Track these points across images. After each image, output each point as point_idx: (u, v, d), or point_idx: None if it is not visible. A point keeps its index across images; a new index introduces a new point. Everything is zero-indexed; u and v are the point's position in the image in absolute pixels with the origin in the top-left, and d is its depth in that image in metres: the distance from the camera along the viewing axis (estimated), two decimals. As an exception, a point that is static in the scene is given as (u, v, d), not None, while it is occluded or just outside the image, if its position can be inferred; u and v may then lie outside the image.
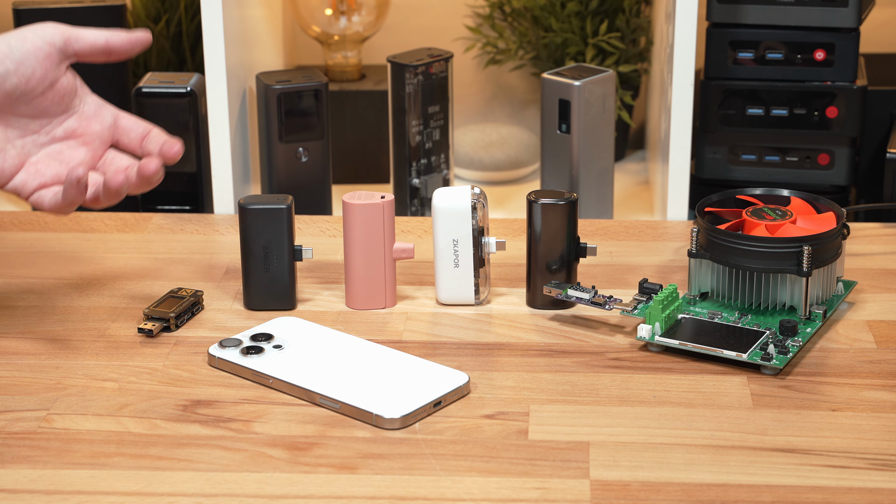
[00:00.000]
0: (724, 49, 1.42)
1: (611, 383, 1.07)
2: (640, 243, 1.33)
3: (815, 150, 1.43)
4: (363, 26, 1.58)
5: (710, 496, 0.93)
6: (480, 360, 1.11)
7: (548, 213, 1.17)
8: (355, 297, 1.20)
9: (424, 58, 1.43)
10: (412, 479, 0.95)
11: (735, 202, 1.22)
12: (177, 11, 1.59)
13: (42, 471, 0.96)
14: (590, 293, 1.15)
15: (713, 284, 1.17)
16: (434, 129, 1.45)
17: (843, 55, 1.40)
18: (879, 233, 1.34)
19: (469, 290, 1.19)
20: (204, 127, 1.40)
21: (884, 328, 1.15)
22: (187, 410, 1.03)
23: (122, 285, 1.24)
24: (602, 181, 1.43)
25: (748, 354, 1.08)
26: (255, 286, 1.19)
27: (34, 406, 1.04)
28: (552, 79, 1.40)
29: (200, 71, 1.56)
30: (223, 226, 1.38)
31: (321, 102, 1.41)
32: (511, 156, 1.59)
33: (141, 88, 1.39)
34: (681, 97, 1.36)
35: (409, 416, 1.01)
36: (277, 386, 1.06)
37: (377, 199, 1.18)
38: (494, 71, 1.70)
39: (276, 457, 0.97)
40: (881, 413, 1.02)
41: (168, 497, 0.93)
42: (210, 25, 1.37)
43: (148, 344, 1.14)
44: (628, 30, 1.59)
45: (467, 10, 1.68)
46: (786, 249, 1.13)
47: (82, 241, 1.34)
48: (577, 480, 0.94)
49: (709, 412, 1.03)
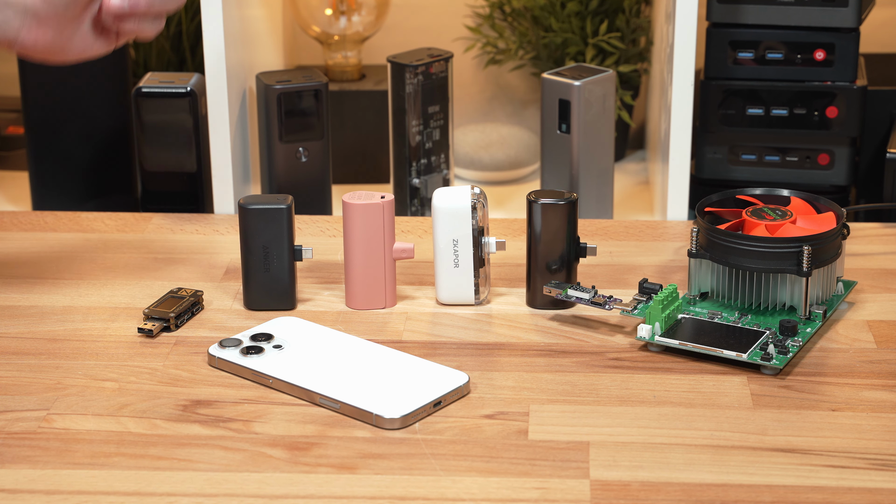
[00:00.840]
0: (724, 49, 1.42)
1: (611, 383, 1.07)
2: (640, 243, 1.33)
3: (815, 150, 1.43)
4: (363, 26, 1.58)
5: (710, 496, 0.93)
6: (480, 360, 1.11)
7: (548, 213, 1.17)
8: (355, 297, 1.20)
9: (424, 58, 1.43)
10: (412, 479, 0.95)
11: (735, 202, 1.22)
12: (177, 11, 1.59)
13: (42, 471, 0.96)
14: (590, 293, 1.15)
15: (713, 284, 1.17)
16: (434, 129, 1.45)
17: (843, 55, 1.40)
18: (879, 233, 1.34)
19: (469, 290, 1.19)
20: (204, 127, 1.40)
21: (884, 328, 1.15)
22: (187, 410, 1.03)
23: (122, 285, 1.24)
24: (602, 181, 1.43)
25: (748, 354, 1.08)
26: (255, 286, 1.19)
27: (34, 406, 1.04)
28: (552, 79, 1.40)
29: (200, 71, 1.56)
30: (223, 226, 1.38)
31: (321, 102, 1.41)
32: (511, 156, 1.59)
33: (141, 88, 1.39)
34: (681, 97, 1.36)
35: (409, 416, 1.01)
36: (277, 386, 1.06)
37: (377, 199, 1.18)
38: (494, 71, 1.70)
39: (276, 457, 0.97)
40: (881, 413, 1.02)
41: (168, 497, 0.93)
42: (210, 25, 1.37)
43: (148, 344, 1.14)
44: (628, 30, 1.59)
45: (467, 10, 1.68)
46: (786, 249, 1.13)
47: (82, 241, 1.34)
48: (577, 480, 0.94)
49: (709, 412, 1.03)
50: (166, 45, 1.59)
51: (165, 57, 1.60)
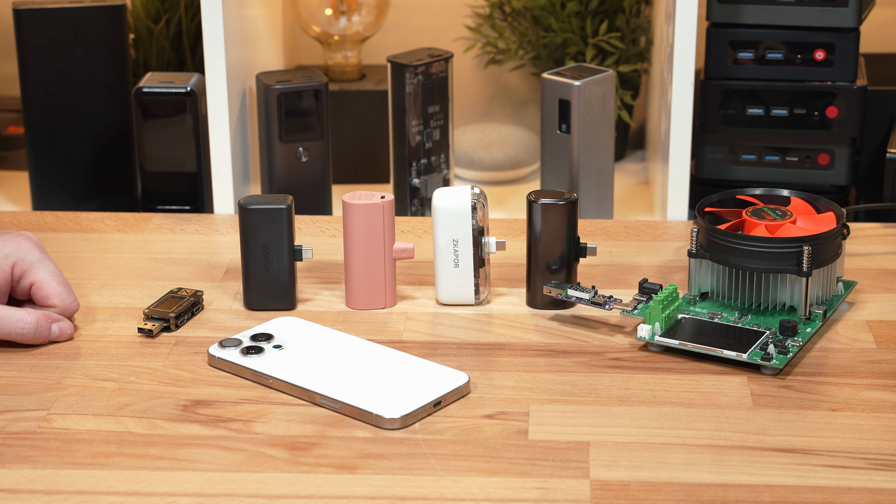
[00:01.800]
0: (724, 49, 1.42)
1: (611, 383, 1.07)
2: (640, 243, 1.33)
3: (815, 150, 1.43)
4: (363, 26, 1.58)
5: (710, 496, 0.93)
6: (480, 360, 1.11)
7: (548, 213, 1.17)
8: (355, 297, 1.20)
9: (424, 58, 1.43)
10: (412, 479, 0.95)
11: (735, 202, 1.22)
12: (177, 11, 1.59)
13: (42, 471, 0.96)
14: (590, 293, 1.15)
15: (713, 284, 1.17)
16: (434, 129, 1.45)
17: (843, 55, 1.40)
18: (879, 233, 1.34)
19: (469, 290, 1.19)
20: (204, 127, 1.40)
21: (884, 328, 1.15)
22: (187, 410, 1.03)
23: (122, 285, 1.24)
24: (602, 181, 1.43)
25: (748, 354, 1.08)
26: (255, 286, 1.19)
27: (34, 406, 1.04)
28: (552, 79, 1.40)
29: (200, 71, 1.56)
30: (223, 226, 1.38)
31: (321, 102, 1.41)
32: (511, 156, 1.59)
33: (141, 88, 1.39)
34: (681, 97, 1.36)
35: (409, 416, 1.01)
36: (277, 386, 1.06)
37: (377, 199, 1.18)
38: (494, 71, 1.70)
39: (276, 457, 0.97)
40: (881, 413, 1.02)
41: (168, 497, 0.93)
42: (210, 25, 1.37)
43: (148, 344, 1.14)
44: (628, 30, 1.59)
45: (467, 10, 1.68)
46: (786, 249, 1.13)
47: (82, 241, 1.34)
48: (577, 480, 0.94)
49: (709, 412, 1.03)
50: (166, 45, 1.59)
51: (165, 57, 1.60)
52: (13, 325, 1.11)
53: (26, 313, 1.11)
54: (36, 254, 1.13)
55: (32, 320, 1.11)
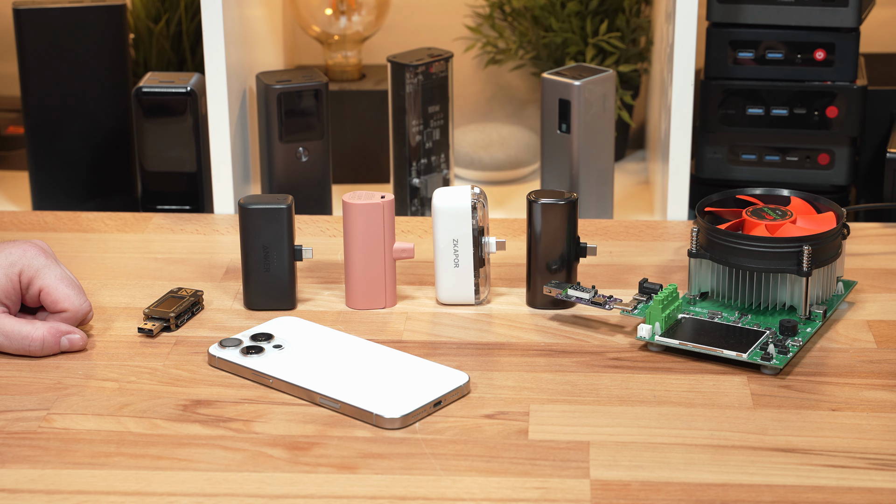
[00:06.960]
0: (724, 49, 1.42)
1: (611, 383, 1.07)
2: (640, 243, 1.33)
3: (815, 149, 1.43)
4: (363, 26, 1.58)
5: (710, 496, 0.93)
6: (480, 360, 1.11)
7: (548, 212, 1.17)
8: (355, 297, 1.20)
9: (424, 58, 1.43)
10: (412, 478, 0.95)
11: (735, 202, 1.22)
12: (177, 11, 1.59)
13: (42, 471, 0.96)
14: (590, 293, 1.15)
15: (713, 284, 1.17)
16: (434, 128, 1.45)
17: (843, 55, 1.40)
18: (879, 233, 1.34)
19: (469, 289, 1.19)
20: (204, 127, 1.40)
21: (884, 328, 1.15)
22: (187, 410, 1.03)
23: (122, 285, 1.24)
24: (602, 181, 1.43)
25: (748, 354, 1.08)
26: (255, 286, 1.19)
27: (34, 406, 1.04)
28: (552, 79, 1.40)
29: (200, 71, 1.56)
30: (223, 226, 1.38)
31: (321, 102, 1.41)
32: (511, 156, 1.59)
33: (141, 88, 1.39)
34: (681, 97, 1.36)
35: (409, 415, 1.01)
36: (277, 386, 1.06)
37: (377, 199, 1.18)
38: (494, 71, 1.70)
39: (276, 457, 0.97)
40: (881, 413, 1.02)
41: (168, 497, 0.93)
42: (210, 25, 1.37)
43: (148, 344, 1.14)
44: (628, 30, 1.59)
45: (467, 9, 1.68)
46: (786, 249, 1.13)
47: (82, 241, 1.34)
48: (577, 480, 0.94)
49: (709, 412, 1.03)
50: (166, 45, 1.59)
51: (165, 57, 1.60)
52: (20, 343, 1.10)
53: (33, 328, 1.10)
54: (41, 259, 1.12)
55: (39, 336, 1.10)
